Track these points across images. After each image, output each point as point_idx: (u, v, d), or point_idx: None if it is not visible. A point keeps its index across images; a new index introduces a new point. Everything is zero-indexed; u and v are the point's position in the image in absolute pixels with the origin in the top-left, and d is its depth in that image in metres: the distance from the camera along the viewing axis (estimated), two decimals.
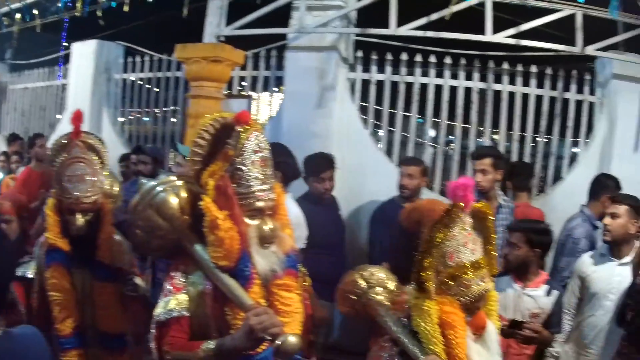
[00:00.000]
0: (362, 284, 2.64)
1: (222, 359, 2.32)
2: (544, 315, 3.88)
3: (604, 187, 4.93)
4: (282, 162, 4.32)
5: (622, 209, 4.06)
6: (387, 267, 2.94)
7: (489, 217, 2.44)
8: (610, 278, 4.07)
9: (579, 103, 6.36)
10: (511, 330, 3.60)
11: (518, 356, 3.82)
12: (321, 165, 5.02)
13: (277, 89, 6.79)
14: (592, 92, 6.36)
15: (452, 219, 2.35)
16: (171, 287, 2.45)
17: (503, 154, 5.60)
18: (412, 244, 2.77)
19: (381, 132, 6.58)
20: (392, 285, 2.64)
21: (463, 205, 2.35)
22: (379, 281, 2.64)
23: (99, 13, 7.27)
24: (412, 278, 2.37)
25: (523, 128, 6.30)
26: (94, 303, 3.00)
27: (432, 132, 6.67)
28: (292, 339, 2.25)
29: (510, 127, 6.30)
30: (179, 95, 7.54)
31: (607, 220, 4.11)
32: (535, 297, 3.90)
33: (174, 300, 2.41)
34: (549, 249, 4.12)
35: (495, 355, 2.48)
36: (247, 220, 2.44)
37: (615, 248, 4.13)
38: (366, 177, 5.68)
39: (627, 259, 4.04)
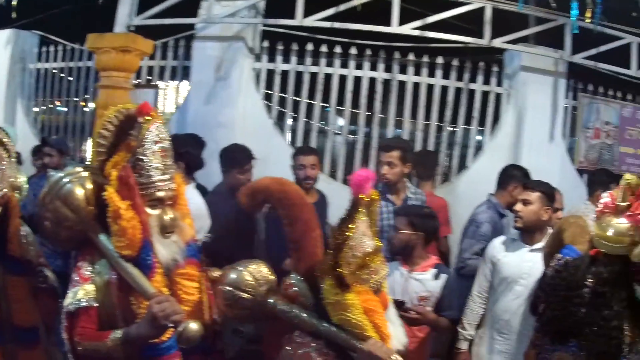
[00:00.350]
0: (252, 281, 2.55)
1: (130, 347, 2.36)
2: (433, 298, 3.92)
3: (511, 177, 4.97)
4: (185, 152, 4.32)
5: (534, 195, 4.04)
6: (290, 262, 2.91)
7: (376, 203, 2.56)
8: (521, 263, 4.04)
9: (485, 94, 6.47)
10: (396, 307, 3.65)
11: (410, 339, 3.77)
12: (244, 156, 4.93)
13: (185, 79, 6.71)
14: (499, 84, 6.47)
15: (358, 212, 2.43)
16: (78, 278, 2.48)
17: (411, 146, 5.58)
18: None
19: (290, 122, 6.56)
20: (273, 278, 2.60)
21: (365, 198, 2.46)
22: (264, 277, 2.58)
23: (14, 3, 7.10)
24: (327, 274, 2.42)
25: (428, 118, 6.38)
26: (9, 298, 2.90)
27: (341, 121, 6.65)
28: (193, 326, 2.33)
29: (414, 116, 6.36)
30: (92, 85, 7.40)
31: (519, 206, 4.07)
32: (422, 281, 3.93)
33: (82, 291, 2.44)
34: (434, 233, 4.11)
35: (399, 327, 2.63)
36: (148, 210, 2.50)
37: (526, 234, 4.11)
38: (270, 166, 5.56)
39: (539, 245, 4.01)
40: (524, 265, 4.02)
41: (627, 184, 2.89)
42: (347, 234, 2.40)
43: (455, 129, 6.50)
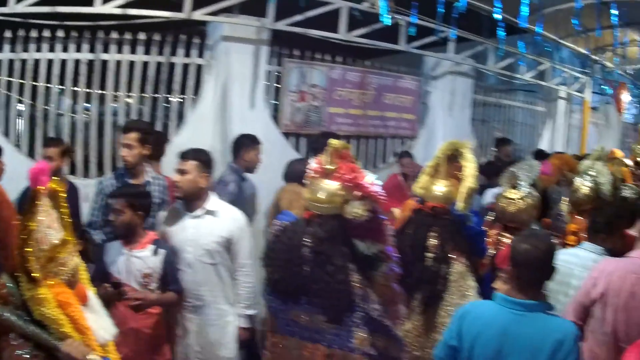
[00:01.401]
0: None
1: None
2: (156, 274, 4.03)
3: (241, 144, 5.45)
4: None
5: (190, 164, 4.15)
6: None
7: (60, 194, 2.56)
8: (185, 231, 4.19)
9: (186, 66, 6.67)
10: (116, 292, 3.81)
11: (145, 314, 3.98)
12: None
13: None
14: (201, 55, 6.67)
15: (36, 205, 2.43)
16: None
17: (151, 127, 5.58)
18: None
19: (20, 107, 6.41)
20: None
21: (43, 189, 2.46)
22: None
23: None
24: (19, 270, 2.41)
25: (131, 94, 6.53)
26: None
27: (66, 103, 6.76)
28: None
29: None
30: None
31: (177, 177, 4.18)
32: (142, 258, 4.03)
33: None
34: (150, 211, 4.26)
35: (105, 317, 2.69)
36: None
37: (187, 202, 4.23)
38: None
39: (199, 212, 4.22)
40: (188, 232, 4.19)
41: (333, 148, 3.13)
42: (29, 228, 2.38)
43: (157, 104, 6.62)
